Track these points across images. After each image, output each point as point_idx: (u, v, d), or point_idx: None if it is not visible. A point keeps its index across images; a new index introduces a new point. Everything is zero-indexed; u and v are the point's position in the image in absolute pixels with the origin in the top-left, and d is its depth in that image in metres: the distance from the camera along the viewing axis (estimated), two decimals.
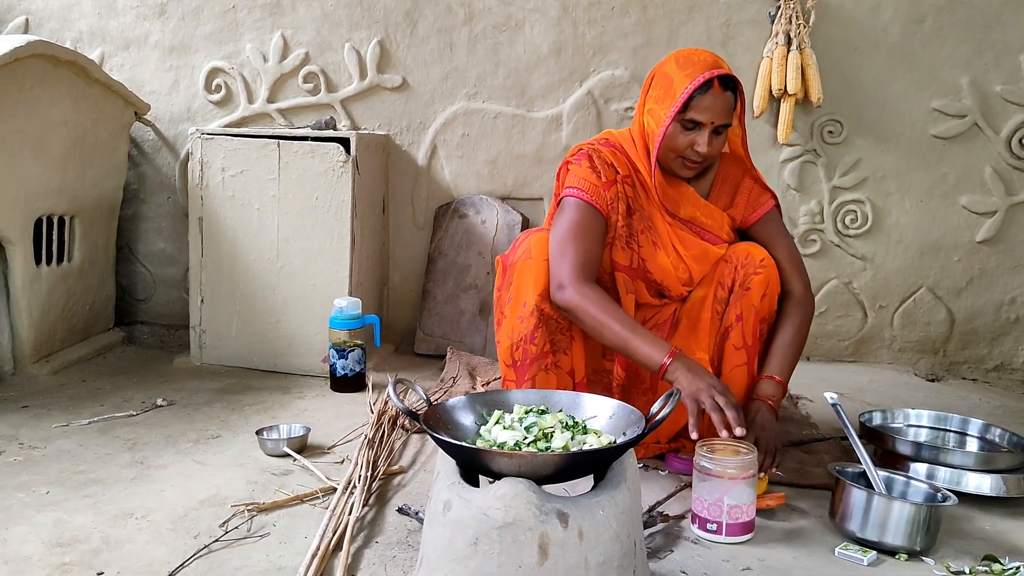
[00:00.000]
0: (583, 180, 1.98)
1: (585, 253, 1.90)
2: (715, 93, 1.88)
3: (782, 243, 2.09)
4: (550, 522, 1.21)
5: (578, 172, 2.00)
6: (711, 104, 1.88)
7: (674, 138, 1.93)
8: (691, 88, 1.87)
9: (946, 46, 2.99)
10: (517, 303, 1.96)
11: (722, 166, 2.13)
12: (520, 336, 1.95)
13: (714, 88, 1.88)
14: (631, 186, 2.03)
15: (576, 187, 1.98)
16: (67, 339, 2.88)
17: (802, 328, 2.02)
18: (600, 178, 1.98)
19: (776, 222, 2.12)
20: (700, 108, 1.88)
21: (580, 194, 1.97)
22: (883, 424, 2.22)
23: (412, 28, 3.13)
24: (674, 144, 1.94)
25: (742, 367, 1.98)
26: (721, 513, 1.65)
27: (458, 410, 1.48)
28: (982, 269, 3.10)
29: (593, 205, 1.97)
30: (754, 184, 2.12)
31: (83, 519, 1.69)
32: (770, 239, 2.08)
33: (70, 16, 3.22)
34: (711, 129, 1.90)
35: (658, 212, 2.04)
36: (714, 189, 2.11)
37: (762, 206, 2.11)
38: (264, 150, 2.77)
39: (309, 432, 2.16)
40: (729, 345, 1.99)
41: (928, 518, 1.61)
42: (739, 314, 1.98)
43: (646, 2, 3.05)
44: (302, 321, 2.82)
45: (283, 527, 1.68)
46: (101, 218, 3.03)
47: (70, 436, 2.18)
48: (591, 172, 1.99)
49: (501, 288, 2.03)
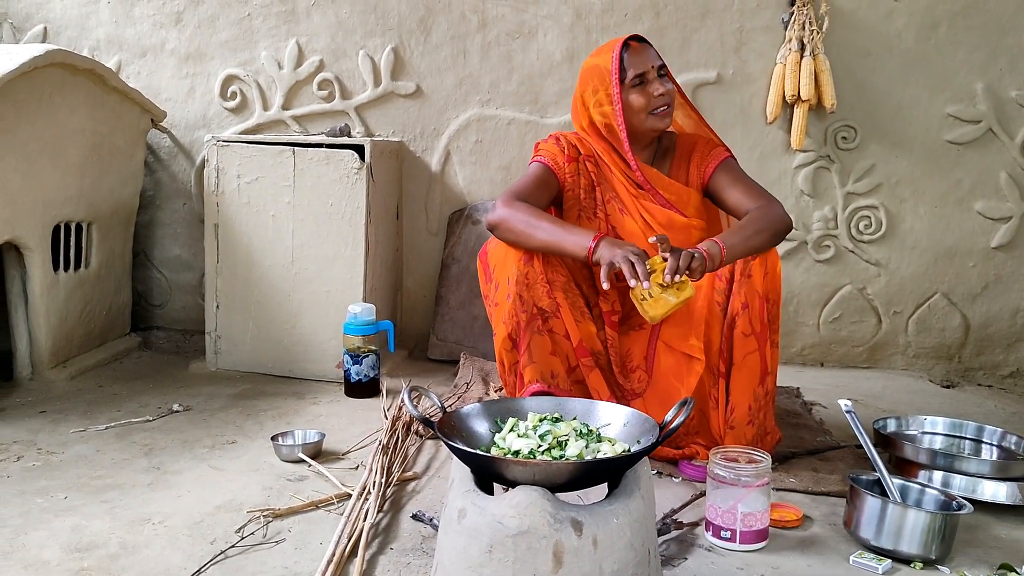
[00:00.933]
0: (546, 151, 2.21)
1: (525, 188, 2.11)
2: (635, 47, 2.12)
3: (741, 183, 2.17)
4: (564, 530, 1.21)
5: (545, 147, 2.23)
6: (639, 56, 2.11)
7: (637, 100, 2.11)
8: (615, 55, 2.10)
9: (960, 51, 2.97)
10: (502, 284, 2.06)
11: (679, 144, 2.26)
12: (511, 313, 2.03)
13: (632, 44, 2.12)
14: (594, 164, 2.21)
15: (541, 155, 2.22)
16: (84, 344, 2.91)
17: (758, 219, 2.02)
18: (564, 152, 2.19)
19: (731, 169, 2.19)
20: (634, 63, 2.10)
21: (539, 158, 2.21)
22: (898, 431, 2.21)
23: (426, 35, 3.15)
24: (639, 105, 2.11)
25: (754, 353, 1.99)
26: (735, 521, 1.65)
27: (472, 417, 1.48)
28: (997, 275, 3.09)
29: (548, 166, 2.19)
30: (705, 142, 2.24)
31: (101, 524, 1.70)
32: (728, 185, 2.16)
33: (87, 24, 3.25)
34: (655, 73, 2.11)
35: (622, 186, 2.18)
36: (672, 167, 2.23)
37: (715, 158, 2.21)
38: (279, 157, 2.78)
39: (324, 438, 2.17)
40: (738, 333, 2.00)
41: (943, 526, 1.60)
42: (744, 302, 1.99)
43: (659, 8, 3.05)
44: (316, 327, 2.83)
45: (298, 533, 1.69)
46: (118, 224, 3.06)
47: (87, 441, 2.20)
48: (555, 146, 2.21)
49: (486, 284, 2.14)
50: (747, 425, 1.99)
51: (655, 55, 2.14)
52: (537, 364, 2.02)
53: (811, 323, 3.18)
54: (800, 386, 2.86)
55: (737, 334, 2.00)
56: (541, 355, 2.03)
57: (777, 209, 2.08)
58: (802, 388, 2.84)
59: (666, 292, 1.85)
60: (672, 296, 1.85)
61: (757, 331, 1.99)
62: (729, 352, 2.02)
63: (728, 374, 2.03)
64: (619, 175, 2.19)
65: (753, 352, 1.99)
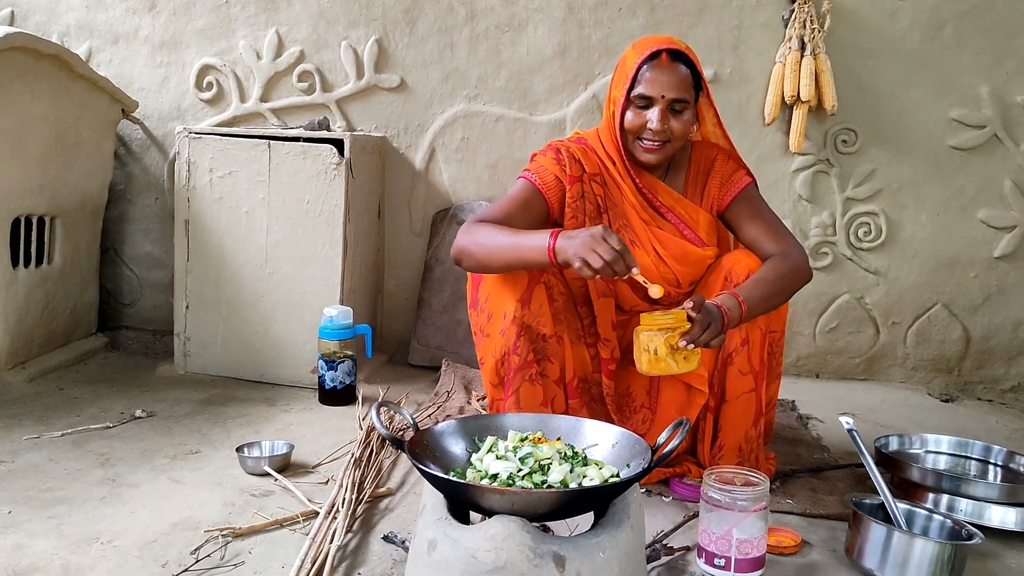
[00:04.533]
0: (539, 166, 1.94)
1: (499, 212, 1.84)
2: (662, 65, 1.84)
3: (760, 218, 1.97)
4: (545, 566, 1.09)
5: (540, 160, 1.96)
6: (657, 76, 1.83)
7: (631, 120, 1.87)
8: (639, 61, 1.84)
9: (966, 54, 2.87)
10: (496, 317, 1.86)
11: (694, 158, 2.03)
12: (504, 350, 1.85)
13: (661, 60, 1.84)
14: (600, 184, 1.95)
15: (530, 171, 1.94)
16: (46, 344, 2.77)
17: (781, 272, 1.84)
18: (565, 170, 1.92)
19: (752, 199, 1.99)
20: (647, 81, 1.84)
21: (528, 176, 1.93)
22: (900, 450, 2.10)
23: (411, 27, 3.03)
24: (631, 125, 1.88)
25: (750, 394, 1.86)
26: (730, 547, 1.54)
27: (447, 436, 1.37)
28: (1000, 286, 2.99)
29: (535, 185, 1.91)
30: (727, 161, 2.01)
31: (44, 543, 1.57)
32: (748, 218, 1.97)
33: (57, 9, 3.12)
34: (664, 105, 1.84)
35: (633, 211, 1.95)
36: (687, 183, 2.01)
37: (735, 184, 1.99)
38: (254, 151, 2.66)
39: (293, 449, 2.05)
40: (734, 371, 1.86)
41: (952, 557, 1.51)
42: (744, 337, 1.85)
43: (655, 3, 2.94)
44: (291, 330, 2.70)
45: (259, 554, 1.57)
46: (84, 219, 2.92)
47: (41, 449, 2.07)
48: (554, 162, 1.94)
49: (474, 306, 1.93)
50: (735, 465, 1.85)
51: (679, 84, 1.84)
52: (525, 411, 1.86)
53: (807, 333, 3.08)
54: (795, 399, 2.75)
55: (733, 371, 1.86)
56: (530, 405, 1.85)
57: (799, 259, 1.89)
58: (797, 401, 2.74)
59: (673, 356, 1.67)
60: (676, 363, 1.68)
61: (756, 369, 1.86)
62: (721, 386, 1.88)
63: (718, 409, 1.90)
64: (630, 195, 1.95)
65: (749, 392, 1.86)
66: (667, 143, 1.88)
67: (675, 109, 1.85)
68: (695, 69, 1.88)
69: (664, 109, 1.84)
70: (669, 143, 1.88)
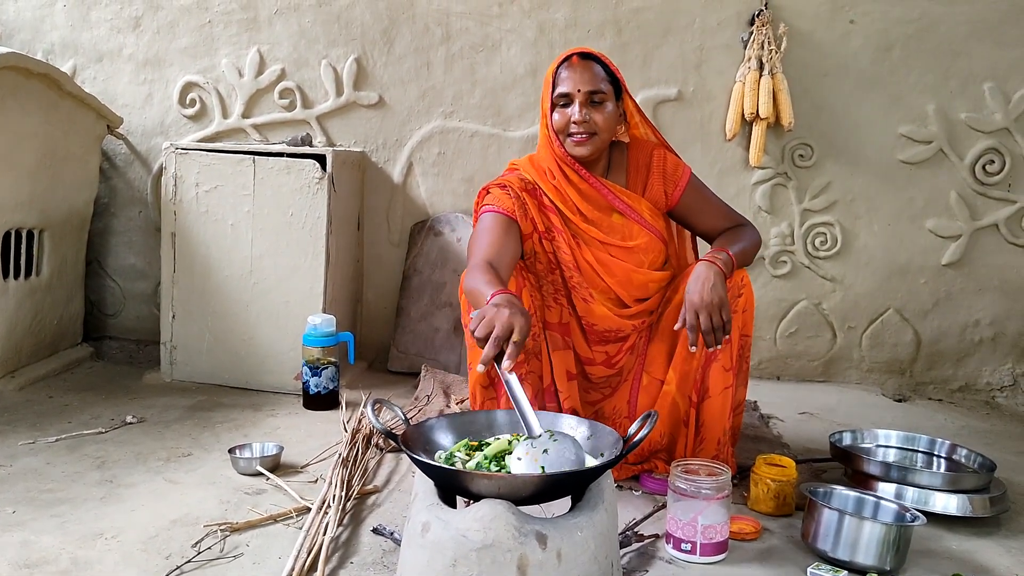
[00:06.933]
0: (495, 198, 2.03)
1: (488, 247, 1.90)
2: (574, 64, 2.02)
3: (710, 204, 2.17)
4: (529, 543, 1.21)
5: (495, 193, 2.04)
6: (571, 74, 2.00)
7: (557, 120, 2.02)
8: (555, 67, 2.03)
9: (913, 73, 3.05)
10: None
11: (631, 156, 2.15)
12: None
13: (572, 61, 2.03)
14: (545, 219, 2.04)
15: (489, 204, 2.03)
16: (34, 354, 2.83)
17: (748, 239, 2.10)
18: (520, 205, 2.02)
19: (698, 188, 2.16)
20: (563, 80, 2.01)
21: (491, 208, 2.01)
22: (853, 444, 2.25)
23: (389, 46, 3.14)
24: (558, 125, 2.02)
25: (730, 389, 2.02)
26: (695, 533, 1.67)
27: (436, 430, 1.48)
28: (947, 292, 3.16)
29: (503, 214, 1.99)
30: (664, 155, 2.14)
31: (51, 540, 1.66)
32: (698, 208, 2.15)
33: (42, 27, 3.19)
34: (583, 98, 1.99)
35: (579, 216, 2.05)
36: (629, 181, 2.14)
37: (679, 179, 2.13)
38: (239, 166, 2.75)
39: (282, 451, 2.14)
40: (717, 367, 2.01)
41: (897, 538, 1.63)
42: (727, 337, 1.99)
43: (621, 25, 3.08)
44: (275, 338, 2.80)
45: (256, 547, 1.67)
46: (71, 232, 2.99)
47: (37, 454, 2.14)
48: (506, 196, 2.02)
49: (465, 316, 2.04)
50: (712, 458, 1.99)
51: (592, 78, 1.99)
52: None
53: (768, 337, 3.23)
54: (757, 399, 2.89)
55: (716, 367, 2.01)
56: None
57: (755, 231, 2.15)
58: (759, 401, 2.87)
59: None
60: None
61: (735, 366, 2.04)
62: (702, 382, 2.03)
63: (699, 404, 2.04)
64: (575, 197, 2.05)
65: (729, 387, 2.02)
66: (594, 135, 2.01)
67: (594, 101, 2.00)
68: (609, 69, 2.05)
69: (583, 102, 1.99)
70: (596, 135, 2.01)
